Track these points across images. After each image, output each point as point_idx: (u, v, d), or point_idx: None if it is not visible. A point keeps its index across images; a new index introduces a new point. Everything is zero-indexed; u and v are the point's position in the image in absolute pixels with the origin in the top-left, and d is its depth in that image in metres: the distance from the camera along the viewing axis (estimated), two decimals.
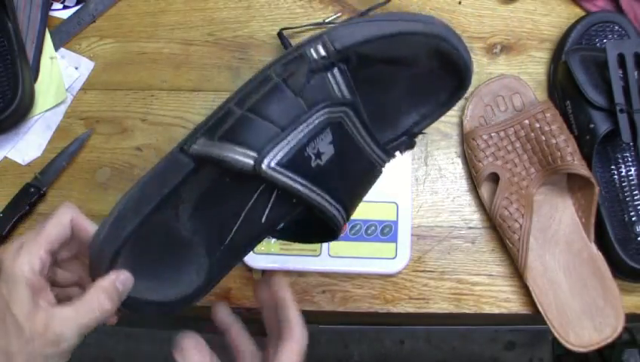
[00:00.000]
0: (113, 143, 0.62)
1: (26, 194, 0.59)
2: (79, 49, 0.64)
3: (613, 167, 0.57)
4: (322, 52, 0.40)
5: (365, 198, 0.57)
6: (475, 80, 0.62)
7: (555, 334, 0.54)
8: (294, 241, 0.49)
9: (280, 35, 0.62)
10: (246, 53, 0.64)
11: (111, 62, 0.64)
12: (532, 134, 0.57)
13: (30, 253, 0.39)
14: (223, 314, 0.48)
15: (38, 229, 0.40)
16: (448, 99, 0.46)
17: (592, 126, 0.55)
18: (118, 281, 0.39)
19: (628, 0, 0.61)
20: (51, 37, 0.64)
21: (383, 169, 0.45)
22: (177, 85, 0.63)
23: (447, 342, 1.32)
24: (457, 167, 0.60)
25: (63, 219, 0.41)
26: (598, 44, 0.60)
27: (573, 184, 0.57)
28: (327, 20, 0.64)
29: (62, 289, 0.43)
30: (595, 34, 0.60)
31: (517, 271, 0.57)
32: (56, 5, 0.66)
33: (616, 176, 0.57)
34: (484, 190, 0.58)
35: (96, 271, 0.40)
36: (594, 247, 0.55)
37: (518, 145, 0.57)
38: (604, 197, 0.56)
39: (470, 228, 0.59)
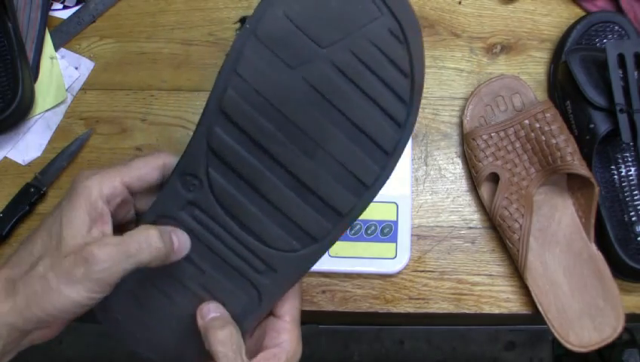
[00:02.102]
0: (113, 143, 0.62)
1: (26, 194, 0.59)
2: (79, 49, 0.64)
3: (613, 167, 0.57)
4: None
5: None
6: (475, 80, 0.62)
7: (555, 334, 0.54)
8: None
9: None
10: None
11: (111, 62, 0.64)
12: (532, 134, 0.57)
13: (104, 177, 0.37)
14: None
15: (124, 162, 0.39)
16: None
17: (592, 126, 0.55)
18: (174, 233, 0.38)
19: (628, 0, 0.61)
20: (51, 37, 0.64)
21: None
22: (177, 85, 0.63)
23: (447, 342, 1.33)
24: (457, 167, 0.60)
25: (153, 160, 0.39)
26: (598, 44, 0.60)
27: (573, 184, 0.57)
28: None
29: None
30: (595, 34, 0.60)
31: (517, 271, 0.57)
32: (56, 5, 0.66)
33: (616, 176, 0.57)
34: (484, 190, 0.58)
35: None
36: (594, 247, 0.55)
37: (518, 145, 0.57)
38: (604, 197, 0.56)
39: (470, 228, 0.59)
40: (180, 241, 0.38)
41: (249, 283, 0.40)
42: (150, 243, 0.36)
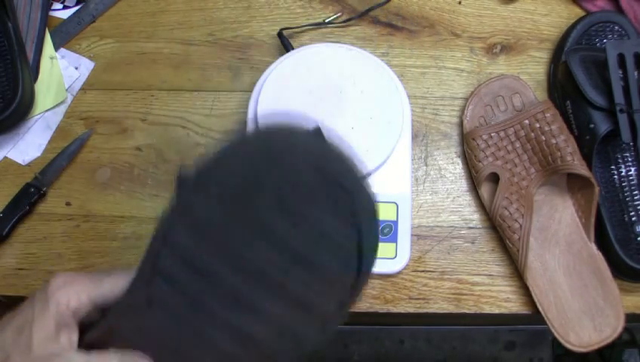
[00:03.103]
0: (113, 143, 0.62)
1: (26, 194, 0.59)
2: (79, 49, 0.64)
3: (613, 167, 0.57)
4: None
5: None
6: (475, 80, 0.62)
7: (555, 334, 0.54)
8: None
9: (280, 35, 0.62)
10: (246, 53, 0.64)
11: (111, 62, 0.64)
12: (532, 134, 0.57)
13: (74, 290, 0.39)
14: None
15: (100, 275, 0.41)
16: None
17: (592, 126, 0.55)
18: (139, 356, 0.39)
19: (628, 0, 0.62)
20: (51, 37, 0.64)
21: None
22: (177, 85, 0.63)
23: (447, 342, 1.33)
24: (457, 167, 0.60)
25: (121, 281, 0.41)
26: (598, 44, 0.60)
27: (573, 184, 0.57)
28: (327, 20, 0.64)
29: None
30: (595, 34, 0.60)
31: (517, 271, 0.57)
32: (56, 5, 0.66)
33: (616, 176, 0.57)
34: (484, 190, 0.58)
35: None
36: (594, 247, 0.55)
37: (518, 145, 0.57)
38: (604, 197, 0.56)
39: (470, 228, 0.59)
40: None
41: None
42: None
